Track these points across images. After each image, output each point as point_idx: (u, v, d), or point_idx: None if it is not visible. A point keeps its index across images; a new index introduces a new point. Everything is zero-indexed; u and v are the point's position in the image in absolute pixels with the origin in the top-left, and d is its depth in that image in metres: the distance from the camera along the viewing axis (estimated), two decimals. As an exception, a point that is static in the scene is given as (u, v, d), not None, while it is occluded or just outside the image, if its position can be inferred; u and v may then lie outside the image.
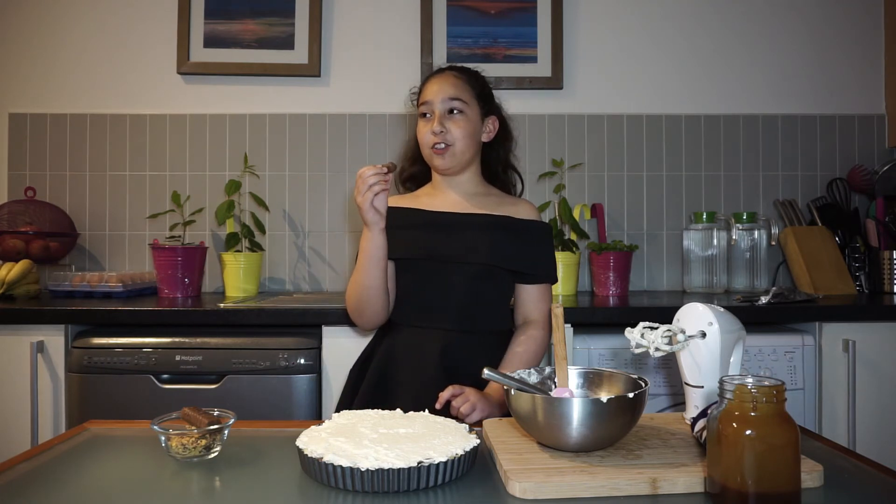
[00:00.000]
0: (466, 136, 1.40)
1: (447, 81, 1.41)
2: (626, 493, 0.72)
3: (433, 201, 1.46)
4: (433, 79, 1.44)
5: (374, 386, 1.37)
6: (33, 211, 2.20)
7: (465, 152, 1.41)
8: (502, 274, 1.39)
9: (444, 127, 1.38)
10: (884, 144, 2.36)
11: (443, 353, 1.34)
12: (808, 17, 2.37)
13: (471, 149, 1.42)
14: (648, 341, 0.89)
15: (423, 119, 1.42)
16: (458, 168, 1.43)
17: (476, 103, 1.43)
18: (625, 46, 2.36)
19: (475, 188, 1.47)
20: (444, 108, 1.39)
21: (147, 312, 1.69)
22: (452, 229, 1.39)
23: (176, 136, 2.32)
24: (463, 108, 1.40)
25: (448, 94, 1.39)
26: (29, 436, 1.66)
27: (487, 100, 1.47)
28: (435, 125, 1.38)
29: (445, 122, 1.39)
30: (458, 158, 1.41)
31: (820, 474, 0.74)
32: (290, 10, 2.31)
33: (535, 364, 1.36)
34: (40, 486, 0.76)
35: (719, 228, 2.21)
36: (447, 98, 1.39)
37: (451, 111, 1.39)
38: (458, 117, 1.39)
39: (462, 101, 1.40)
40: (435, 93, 1.40)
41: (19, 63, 2.32)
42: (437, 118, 1.39)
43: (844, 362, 1.69)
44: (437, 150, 1.39)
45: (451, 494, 0.72)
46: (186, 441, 0.85)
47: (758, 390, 0.63)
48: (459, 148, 1.40)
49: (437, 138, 1.38)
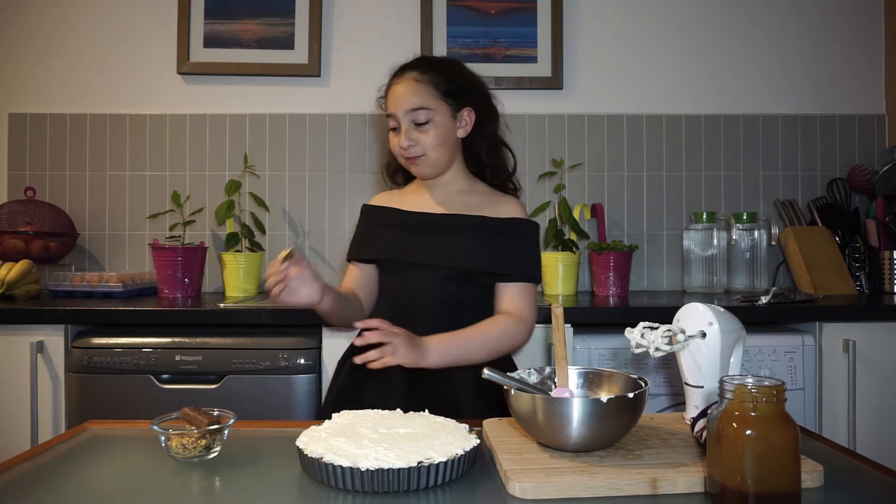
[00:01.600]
0: (438, 145, 1.33)
1: (408, 88, 1.33)
2: (626, 493, 0.72)
3: (416, 200, 1.41)
4: (394, 84, 1.36)
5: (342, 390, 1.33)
6: (33, 211, 2.20)
7: (440, 159, 1.35)
8: (480, 276, 1.33)
9: (412, 139, 1.32)
10: (884, 144, 2.36)
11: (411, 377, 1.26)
12: (808, 17, 2.37)
13: (446, 153, 1.36)
14: (648, 341, 0.89)
15: (392, 130, 1.36)
16: (439, 172, 1.38)
17: (444, 104, 1.34)
18: (625, 46, 2.36)
19: (460, 185, 1.41)
20: (408, 119, 1.32)
21: (147, 312, 1.69)
22: (429, 231, 1.35)
23: (176, 136, 2.32)
24: (429, 117, 1.32)
25: (410, 104, 1.31)
26: (29, 436, 1.66)
27: (458, 93, 1.36)
28: (402, 140, 1.32)
29: (412, 133, 1.32)
30: (434, 166, 1.36)
31: (820, 474, 0.74)
32: (290, 10, 2.31)
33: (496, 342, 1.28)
34: (40, 486, 0.76)
35: (719, 228, 2.21)
36: (409, 109, 1.31)
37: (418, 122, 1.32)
38: (425, 127, 1.32)
39: (426, 109, 1.31)
40: (397, 104, 1.33)
41: (19, 63, 2.32)
42: (404, 132, 1.32)
43: (844, 362, 1.69)
44: (409, 160, 1.34)
45: (451, 494, 0.72)
46: (186, 441, 0.85)
47: (758, 390, 0.63)
48: (433, 157, 1.34)
49: (407, 152, 1.33)
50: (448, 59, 1.43)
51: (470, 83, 1.40)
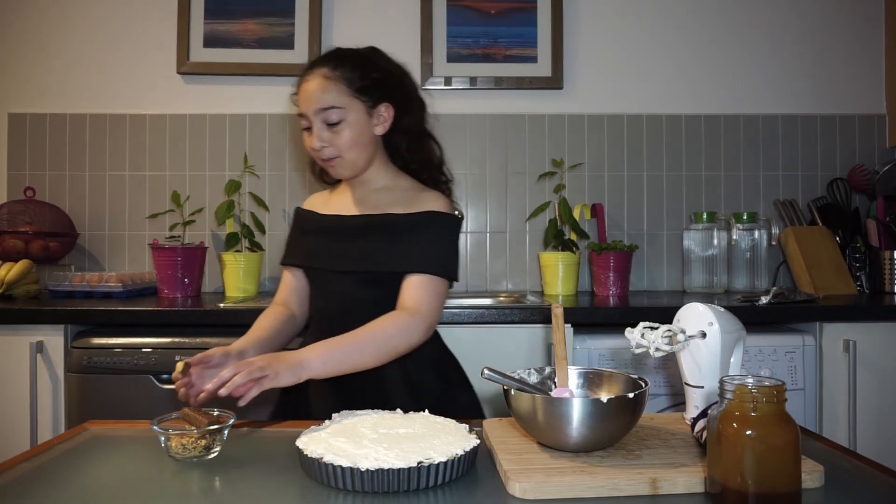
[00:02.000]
0: (352, 145, 1.25)
1: (317, 86, 1.24)
2: (626, 494, 0.72)
3: (340, 202, 1.35)
4: (304, 81, 1.27)
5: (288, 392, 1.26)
6: (33, 211, 2.20)
7: (357, 159, 1.28)
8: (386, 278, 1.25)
9: (325, 140, 1.24)
10: (884, 144, 2.36)
11: None
12: (808, 17, 2.37)
13: (362, 153, 1.28)
14: (648, 341, 0.89)
15: (304, 130, 1.28)
16: (358, 172, 1.30)
17: (357, 101, 1.25)
18: (625, 46, 2.36)
19: (382, 182, 1.33)
20: (319, 119, 1.24)
21: (147, 312, 1.69)
22: (342, 235, 1.29)
23: (176, 136, 2.32)
24: (342, 116, 1.23)
25: (319, 104, 1.23)
26: (29, 436, 1.66)
27: (373, 88, 1.27)
28: (314, 142, 1.25)
29: (325, 134, 1.24)
30: (352, 167, 1.28)
31: (820, 474, 0.74)
32: (290, 10, 2.31)
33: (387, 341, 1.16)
34: (40, 486, 0.76)
35: (719, 228, 2.21)
36: (319, 109, 1.23)
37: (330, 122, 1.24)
38: (338, 128, 1.24)
39: (337, 108, 1.23)
40: (306, 104, 1.25)
41: (19, 63, 2.32)
42: (315, 134, 1.25)
43: (845, 362, 1.69)
44: (325, 161, 1.27)
45: (451, 494, 0.72)
46: (186, 441, 0.85)
47: (758, 390, 0.63)
48: (349, 158, 1.26)
49: (321, 153, 1.26)
50: (363, 52, 1.32)
51: (387, 76, 1.31)
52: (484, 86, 2.32)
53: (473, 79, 2.31)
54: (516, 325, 1.72)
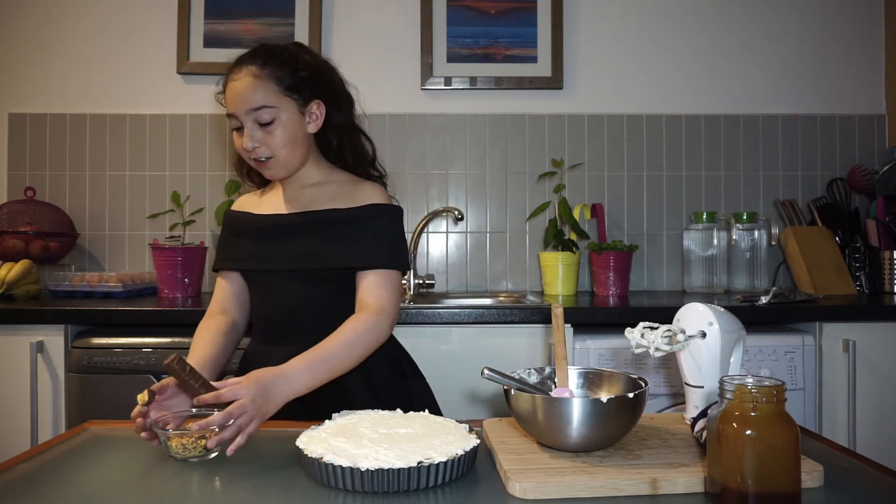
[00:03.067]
0: (286, 144, 1.21)
1: (246, 85, 1.21)
2: (626, 493, 0.72)
3: (273, 201, 1.31)
4: (232, 80, 1.23)
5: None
6: (33, 211, 2.20)
7: (291, 159, 1.24)
8: (336, 274, 1.22)
9: (257, 140, 1.20)
10: (884, 144, 2.36)
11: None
12: (808, 17, 2.37)
13: (296, 152, 1.24)
14: (648, 341, 0.89)
15: (234, 130, 1.23)
16: (292, 171, 1.27)
17: (288, 100, 1.22)
18: (625, 46, 2.36)
19: (317, 177, 1.30)
20: (251, 120, 1.20)
21: (147, 312, 1.69)
22: (279, 235, 1.25)
23: (176, 136, 2.32)
24: (274, 115, 1.20)
25: (248, 104, 1.19)
26: (29, 436, 1.66)
27: (303, 86, 1.24)
28: (246, 142, 1.20)
29: (257, 134, 1.20)
30: (286, 166, 1.24)
31: (820, 474, 0.74)
32: (290, 10, 2.31)
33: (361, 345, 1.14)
34: (40, 486, 0.76)
35: (719, 228, 2.21)
36: (250, 110, 1.19)
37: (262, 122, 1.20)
38: (270, 127, 1.20)
39: (268, 108, 1.19)
40: (237, 103, 1.20)
41: (19, 63, 2.32)
42: (247, 134, 1.20)
43: (844, 362, 1.69)
44: (258, 162, 1.23)
45: (451, 494, 0.72)
46: (186, 441, 0.85)
47: (758, 390, 0.63)
48: (283, 157, 1.22)
49: (253, 153, 1.22)
50: (290, 48, 1.28)
51: (316, 73, 1.27)
52: (484, 86, 2.32)
53: (473, 79, 2.31)
54: (516, 325, 1.72)
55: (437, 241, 2.35)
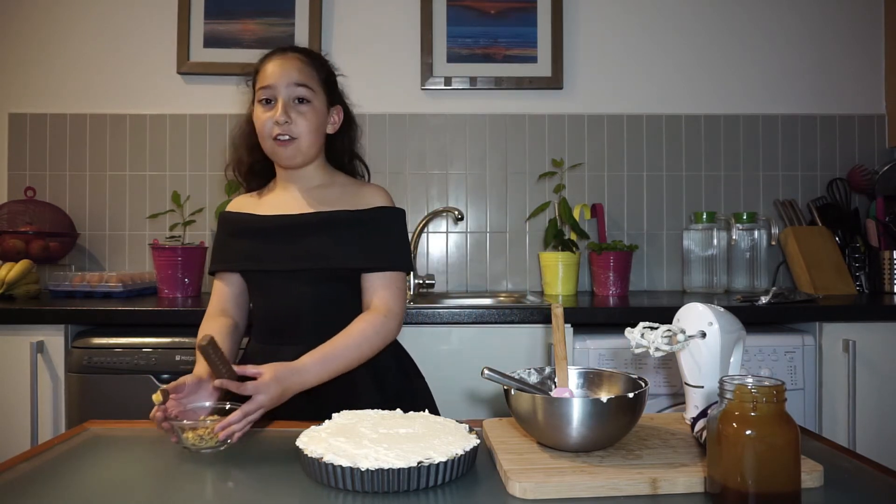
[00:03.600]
0: (313, 131, 1.26)
1: (292, 65, 1.25)
2: (626, 493, 0.72)
3: (275, 202, 1.32)
4: (275, 59, 1.26)
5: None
6: (33, 211, 2.20)
7: (311, 147, 1.27)
8: (346, 274, 1.25)
9: (290, 117, 1.23)
10: (884, 144, 2.36)
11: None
12: (808, 17, 2.37)
13: (316, 143, 1.28)
14: (648, 341, 0.89)
15: (263, 105, 1.25)
16: (305, 162, 1.29)
17: (322, 92, 1.28)
18: (625, 46, 2.36)
19: (321, 179, 1.33)
20: (289, 94, 1.23)
21: (147, 312, 1.69)
22: (287, 234, 1.25)
23: (176, 136, 2.32)
24: (310, 98, 1.25)
25: (294, 78, 1.23)
26: (29, 436, 1.66)
27: (332, 88, 1.32)
28: (279, 114, 1.22)
29: (291, 111, 1.23)
30: (304, 154, 1.27)
31: (820, 474, 0.74)
32: (290, 10, 2.31)
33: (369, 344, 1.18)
34: (40, 486, 0.76)
35: (719, 228, 2.21)
36: (293, 83, 1.23)
37: (298, 100, 1.24)
38: (304, 108, 1.24)
39: (309, 89, 1.25)
40: (278, 76, 1.23)
41: (19, 63, 2.32)
42: (282, 106, 1.22)
43: (844, 362, 1.69)
44: (280, 140, 1.24)
45: (451, 494, 0.72)
46: (203, 432, 0.87)
47: (758, 390, 0.63)
48: (306, 143, 1.25)
49: (281, 129, 1.23)
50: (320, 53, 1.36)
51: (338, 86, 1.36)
52: (484, 86, 2.32)
53: (473, 79, 2.31)
54: (516, 325, 1.72)
55: (437, 242, 2.35)
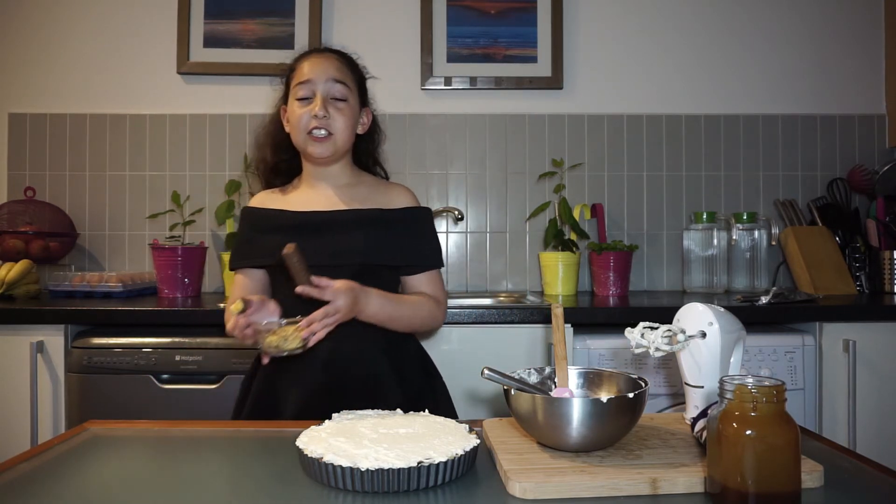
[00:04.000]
0: (348, 128, 1.29)
1: (330, 62, 1.29)
2: (626, 493, 0.72)
3: (303, 198, 1.34)
4: (312, 56, 1.31)
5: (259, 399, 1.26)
6: (33, 211, 2.20)
7: (344, 145, 1.31)
8: (382, 271, 1.28)
9: (328, 112, 1.26)
10: (884, 144, 2.36)
11: (328, 361, 1.22)
12: (808, 17, 2.37)
13: (348, 141, 1.32)
14: (648, 341, 0.89)
15: (300, 101, 1.29)
16: (336, 159, 1.33)
17: (356, 93, 1.33)
18: (625, 46, 2.36)
19: (348, 178, 1.36)
20: (327, 90, 1.27)
21: (147, 312, 1.69)
22: (323, 230, 1.27)
23: (176, 136, 2.32)
24: (346, 95, 1.29)
25: (332, 74, 1.28)
26: (29, 436, 1.66)
27: (364, 90, 1.37)
28: (318, 108, 1.25)
29: (329, 107, 1.27)
30: (338, 151, 1.30)
31: (820, 474, 0.74)
32: (290, 10, 2.31)
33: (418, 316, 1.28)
34: (40, 486, 0.76)
35: (719, 228, 2.21)
36: (331, 79, 1.27)
37: (335, 98, 1.28)
38: (341, 105, 1.28)
39: (345, 86, 1.29)
40: (318, 72, 1.27)
41: (19, 63, 2.32)
42: (321, 101, 1.26)
43: (844, 362, 1.69)
44: (315, 136, 1.26)
45: (451, 494, 0.72)
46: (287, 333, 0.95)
47: (758, 390, 0.63)
48: (341, 139, 1.29)
49: (319, 123, 1.26)
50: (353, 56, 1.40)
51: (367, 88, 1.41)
52: (484, 86, 2.32)
53: (473, 79, 2.31)
54: (516, 325, 1.72)
55: (437, 241, 2.34)
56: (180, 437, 0.96)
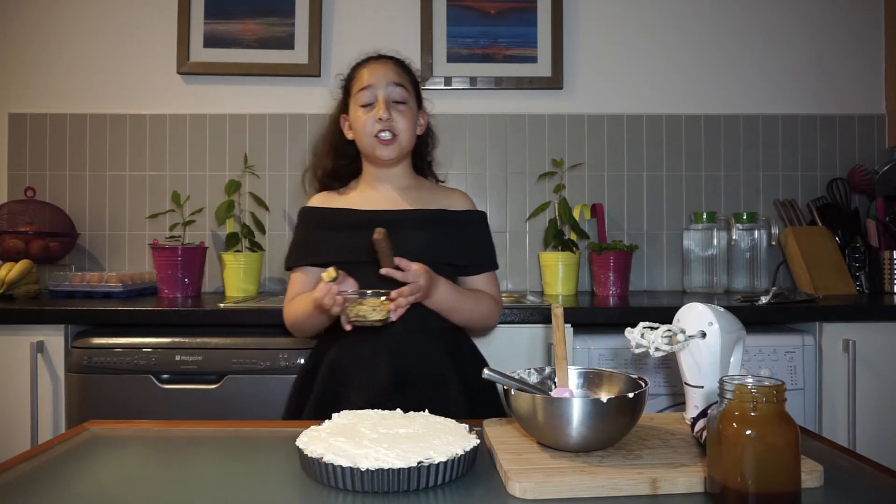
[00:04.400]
0: (410, 129, 1.36)
1: (389, 67, 1.36)
2: (626, 493, 0.72)
3: (365, 199, 1.39)
4: (371, 63, 1.37)
5: (323, 395, 1.30)
6: (33, 211, 2.20)
7: (407, 147, 1.37)
8: (444, 269, 1.32)
9: (391, 115, 1.32)
10: (884, 144, 2.36)
11: (392, 357, 1.27)
12: (808, 17, 2.37)
13: (411, 143, 1.38)
14: (648, 341, 0.89)
15: (363, 108, 1.34)
16: (400, 160, 1.38)
17: (413, 96, 1.39)
18: (625, 46, 2.36)
19: (408, 181, 1.42)
20: (388, 93, 1.33)
21: (147, 312, 1.69)
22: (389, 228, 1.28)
23: (176, 136, 2.32)
24: (406, 98, 1.35)
25: (392, 78, 1.34)
26: (29, 436, 1.66)
27: (419, 93, 1.44)
28: (382, 112, 1.31)
29: (392, 110, 1.33)
30: (402, 152, 1.36)
31: (820, 474, 0.74)
32: (290, 10, 2.31)
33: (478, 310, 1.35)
34: (40, 486, 0.76)
35: (719, 228, 2.21)
36: (392, 83, 1.33)
37: (396, 101, 1.34)
38: (402, 108, 1.34)
39: (405, 89, 1.35)
40: (378, 77, 1.34)
41: (19, 63, 2.32)
42: (384, 104, 1.32)
43: (844, 362, 1.69)
44: (382, 139, 1.32)
45: (451, 494, 0.72)
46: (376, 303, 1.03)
47: (758, 390, 0.63)
48: (405, 139, 1.35)
49: (384, 125, 1.31)
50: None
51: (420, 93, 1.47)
52: (484, 86, 2.32)
53: (473, 79, 2.31)
54: (516, 325, 1.71)
55: (437, 241, 2.34)
56: (180, 437, 0.96)
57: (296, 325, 1.36)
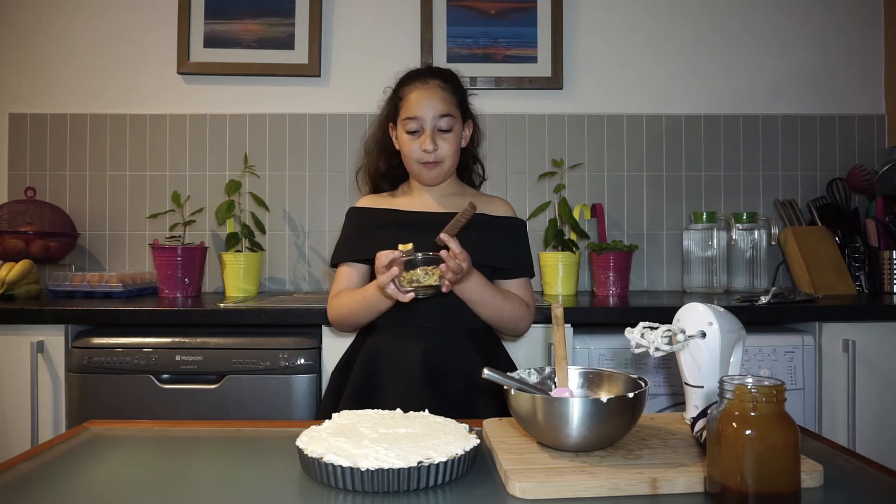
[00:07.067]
0: (454, 153, 1.42)
1: (435, 95, 1.39)
2: (626, 493, 0.72)
3: (410, 202, 1.47)
4: (419, 88, 1.41)
5: (359, 389, 1.36)
6: (33, 211, 2.20)
7: (452, 167, 1.44)
8: (480, 271, 1.36)
9: (436, 145, 1.38)
10: (884, 144, 2.36)
11: (426, 353, 1.34)
12: (807, 17, 2.37)
13: (456, 161, 1.45)
14: (648, 341, 0.89)
15: (409, 135, 1.40)
16: (446, 179, 1.46)
17: (459, 114, 1.43)
18: (625, 46, 2.36)
19: (452, 189, 1.49)
20: (434, 124, 1.39)
21: (147, 312, 1.69)
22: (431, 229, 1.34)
23: (176, 136, 2.32)
24: (451, 125, 1.40)
25: (439, 110, 1.38)
26: (29, 436, 1.66)
27: (465, 106, 1.47)
28: (427, 144, 1.37)
29: (437, 139, 1.39)
30: (447, 173, 1.44)
31: (820, 474, 0.74)
32: (290, 10, 2.31)
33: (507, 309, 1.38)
34: (40, 486, 0.76)
35: (719, 228, 2.21)
36: (438, 115, 1.38)
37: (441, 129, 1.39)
38: (447, 135, 1.40)
39: (451, 117, 1.40)
40: (425, 108, 1.38)
41: (19, 63, 2.32)
42: (429, 136, 1.38)
43: (844, 362, 1.69)
44: (427, 164, 1.40)
45: (451, 494, 0.72)
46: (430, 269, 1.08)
47: (758, 390, 0.63)
48: (448, 164, 1.42)
49: (429, 156, 1.39)
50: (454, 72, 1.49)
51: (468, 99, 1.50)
52: (484, 86, 2.32)
53: (473, 79, 2.31)
54: (516, 325, 1.71)
55: (437, 241, 2.34)
56: (180, 437, 0.96)
57: (341, 318, 1.41)
